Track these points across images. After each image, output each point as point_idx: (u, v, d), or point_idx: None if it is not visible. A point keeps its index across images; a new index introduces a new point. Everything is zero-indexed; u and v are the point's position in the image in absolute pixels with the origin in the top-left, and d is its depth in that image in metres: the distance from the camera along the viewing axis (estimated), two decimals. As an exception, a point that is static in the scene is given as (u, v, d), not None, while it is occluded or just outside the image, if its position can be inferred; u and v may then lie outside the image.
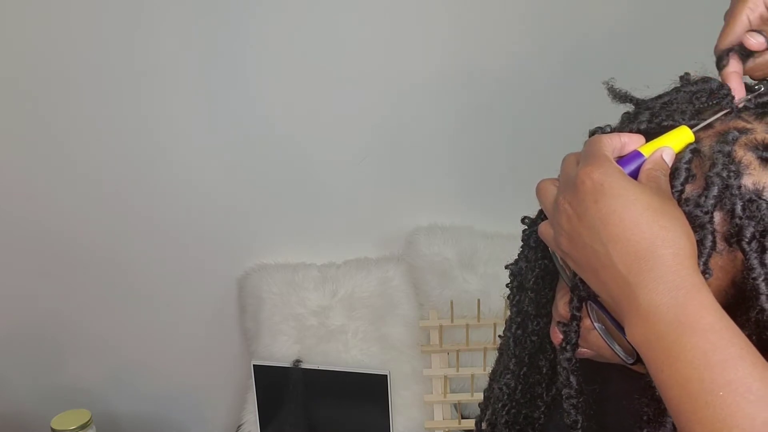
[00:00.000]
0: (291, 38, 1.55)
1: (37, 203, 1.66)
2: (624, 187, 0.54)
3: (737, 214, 0.55)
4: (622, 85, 0.69)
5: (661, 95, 0.65)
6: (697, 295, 0.50)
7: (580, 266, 0.56)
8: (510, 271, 0.73)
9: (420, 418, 1.62)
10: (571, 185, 0.56)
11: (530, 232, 0.70)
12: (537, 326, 0.72)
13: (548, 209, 0.60)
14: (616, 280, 0.52)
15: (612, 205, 0.53)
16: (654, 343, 0.50)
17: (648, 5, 1.52)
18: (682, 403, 0.48)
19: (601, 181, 0.54)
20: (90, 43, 1.54)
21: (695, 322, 0.49)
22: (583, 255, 0.55)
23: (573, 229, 0.55)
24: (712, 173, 0.56)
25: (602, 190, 0.54)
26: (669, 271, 0.50)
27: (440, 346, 1.60)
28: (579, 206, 0.55)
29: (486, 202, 1.69)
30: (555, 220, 0.57)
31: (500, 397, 0.75)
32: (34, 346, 1.78)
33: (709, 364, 0.47)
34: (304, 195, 1.68)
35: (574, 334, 0.61)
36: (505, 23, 1.54)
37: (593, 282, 0.55)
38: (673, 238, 0.51)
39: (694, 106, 0.61)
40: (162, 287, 1.74)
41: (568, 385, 0.62)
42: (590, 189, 0.54)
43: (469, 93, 1.59)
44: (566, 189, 0.57)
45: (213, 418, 1.90)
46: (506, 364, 0.74)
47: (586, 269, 0.55)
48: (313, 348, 1.63)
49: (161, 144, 1.63)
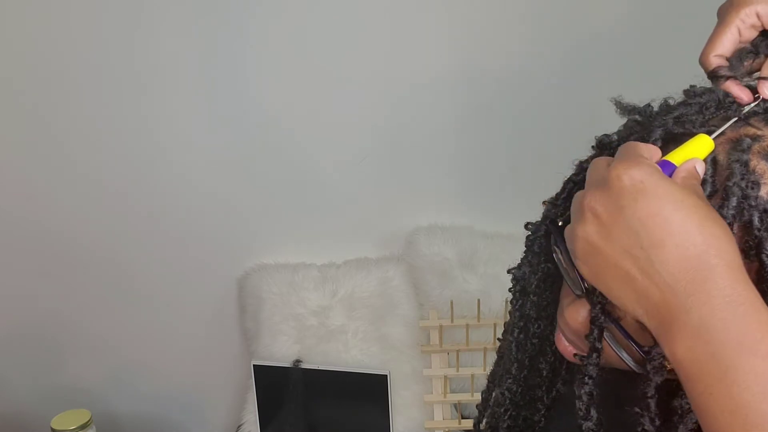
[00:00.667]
0: (291, 38, 1.55)
1: (37, 203, 1.66)
2: (668, 187, 0.49)
3: (755, 226, 0.53)
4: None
5: (671, 109, 0.62)
6: (756, 313, 0.46)
7: (603, 274, 0.51)
8: (512, 276, 0.72)
9: (420, 418, 1.62)
10: (601, 184, 0.51)
11: (534, 238, 0.69)
12: (538, 329, 0.72)
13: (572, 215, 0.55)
14: (659, 290, 0.48)
15: (655, 206, 0.49)
16: (705, 363, 0.46)
17: (648, 6, 1.52)
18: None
19: (641, 178, 0.49)
20: (90, 43, 1.54)
21: (757, 344, 0.45)
22: (611, 261, 0.50)
23: (602, 232, 0.50)
24: (731, 183, 0.53)
25: (643, 188, 0.49)
26: (726, 285, 0.46)
27: (440, 346, 1.60)
28: (613, 206, 0.50)
29: (486, 202, 1.69)
30: (576, 224, 0.53)
31: (502, 402, 0.74)
32: (34, 346, 1.78)
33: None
34: (304, 195, 1.68)
35: (593, 367, 0.57)
36: (505, 23, 1.54)
37: (621, 290, 0.51)
38: (725, 247, 0.48)
39: (704, 117, 0.59)
40: (162, 287, 1.74)
41: (588, 418, 0.58)
42: (628, 187, 0.49)
43: (469, 93, 1.59)
44: (595, 188, 0.52)
45: (213, 418, 1.90)
46: (508, 369, 0.74)
47: (613, 277, 0.51)
48: (313, 348, 1.63)
49: (161, 144, 1.63)
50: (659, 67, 1.51)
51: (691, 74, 0.68)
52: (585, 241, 0.52)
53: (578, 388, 0.58)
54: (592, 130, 0.70)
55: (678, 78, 0.65)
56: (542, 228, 0.68)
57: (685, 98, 0.62)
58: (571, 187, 0.65)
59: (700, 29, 0.69)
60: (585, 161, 0.64)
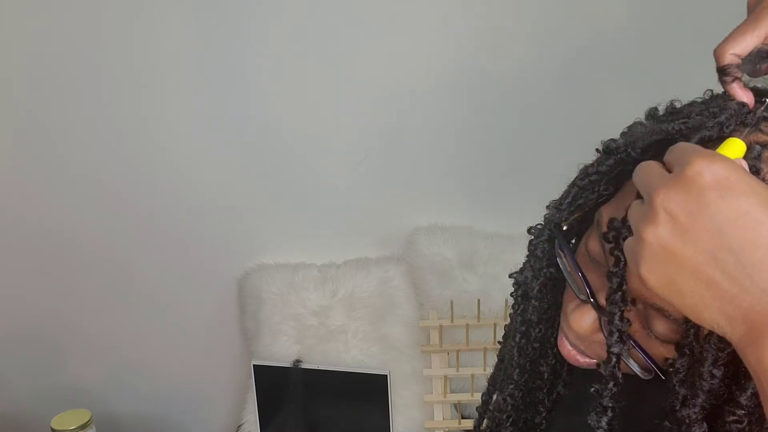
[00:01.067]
0: (291, 38, 1.54)
1: (37, 203, 1.66)
2: (755, 185, 0.46)
3: None
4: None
5: (697, 129, 0.57)
6: None
7: (677, 281, 0.47)
8: (514, 280, 0.71)
9: (420, 418, 1.62)
10: (676, 180, 0.47)
11: (537, 242, 0.68)
12: (539, 333, 0.71)
13: (632, 220, 0.51)
14: (750, 295, 0.45)
15: (744, 205, 0.45)
16: None
17: (650, 8, 1.52)
18: None
19: (726, 174, 0.45)
20: (89, 43, 1.54)
21: None
22: (690, 266, 0.46)
23: (680, 234, 0.46)
24: None
25: (729, 185, 0.45)
26: None
27: (440, 346, 1.60)
28: (694, 204, 0.46)
29: (486, 202, 1.69)
30: (645, 227, 0.48)
31: (504, 408, 0.74)
32: (34, 346, 1.78)
33: None
34: (304, 195, 1.68)
35: (610, 391, 0.56)
36: (506, 24, 1.54)
37: (699, 297, 0.47)
38: None
39: (724, 133, 0.57)
40: (162, 287, 1.74)
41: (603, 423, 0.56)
42: (711, 183, 0.45)
43: (470, 93, 1.59)
44: (668, 187, 0.47)
45: (213, 418, 1.90)
46: (509, 374, 0.73)
47: (690, 283, 0.47)
48: (313, 348, 1.63)
49: (161, 144, 1.62)
50: (661, 69, 1.51)
51: (692, 76, 0.67)
52: (657, 246, 0.47)
53: (596, 416, 0.57)
54: (592, 131, 0.70)
55: (678, 79, 0.65)
56: (545, 232, 0.68)
57: (702, 115, 0.59)
58: (576, 191, 0.64)
59: (701, 32, 0.69)
60: (590, 166, 0.63)
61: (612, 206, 0.60)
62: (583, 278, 0.60)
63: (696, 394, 0.53)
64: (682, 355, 0.53)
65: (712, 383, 0.52)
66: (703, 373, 0.52)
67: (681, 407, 0.54)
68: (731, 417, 0.53)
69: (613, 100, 1.53)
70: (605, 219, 0.60)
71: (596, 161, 0.63)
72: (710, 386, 0.52)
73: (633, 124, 0.63)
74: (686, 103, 0.62)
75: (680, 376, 0.53)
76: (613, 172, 0.62)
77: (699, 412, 0.53)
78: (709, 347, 0.52)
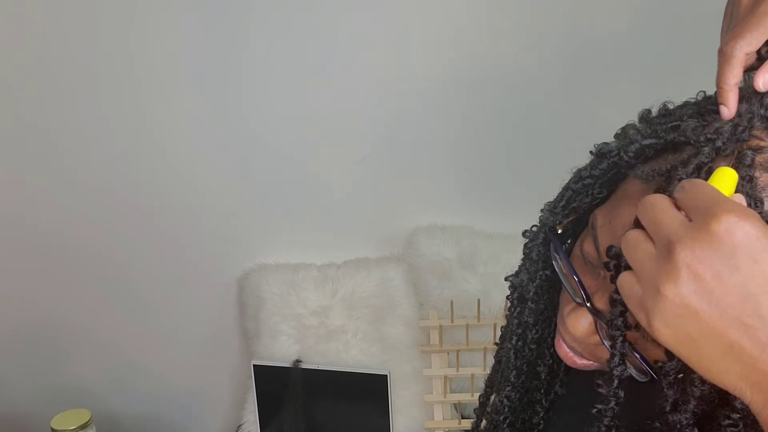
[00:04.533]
0: (291, 38, 1.54)
1: (37, 204, 1.66)
2: None
3: None
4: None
5: (694, 155, 0.54)
6: None
7: (697, 341, 0.45)
8: (510, 283, 0.71)
9: (420, 418, 1.62)
10: (701, 234, 0.44)
11: (532, 246, 0.68)
12: (536, 335, 0.71)
13: (641, 264, 0.47)
14: None
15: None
16: None
17: (649, 9, 1.52)
18: None
19: (758, 234, 0.43)
20: (88, 43, 1.54)
21: None
22: (713, 328, 0.44)
23: (705, 295, 0.44)
24: None
25: (761, 247, 0.43)
26: None
27: (440, 346, 1.60)
28: (722, 265, 0.43)
29: (486, 202, 1.68)
30: (665, 283, 0.45)
31: (501, 410, 0.74)
32: (34, 346, 1.78)
33: None
34: (304, 195, 1.68)
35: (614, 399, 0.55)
36: (507, 24, 1.54)
37: (720, 361, 0.45)
38: None
39: (725, 155, 0.55)
40: (162, 287, 1.74)
41: None
42: (744, 243, 0.43)
43: (470, 93, 1.58)
44: (692, 239, 0.44)
45: (213, 418, 1.90)
46: (506, 376, 0.73)
47: (712, 346, 0.45)
48: (313, 348, 1.63)
49: (161, 144, 1.62)
50: (660, 70, 1.51)
51: (691, 78, 0.67)
52: (679, 304, 0.44)
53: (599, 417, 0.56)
54: (592, 131, 0.70)
55: (678, 80, 0.65)
56: (540, 236, 0.67)
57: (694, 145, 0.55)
58: (570, 195, 0.64)
59: (699, 33, 0.69)
60: (584, 169, 0.63)
61: (606, 209, 0.60)
62: (578, 281, 0.60)
63: (687, 399, 0.53)
64: (671, 358, 0.53)
65: (702, 389, 0.52)
66: (695, 379, 0.52)
67: (673, 412, 0.53)
68: (727, 421, 0.52)
69: (614, 100, 1.53)
70: (599, 223, 0.60)
71: (590, 164, 0.63)
72: (701, 392, 0.52)
73: (626, 126, 0.62)
74: (679, 105, 0.62)
75: (669, 378, 0.53)
76: (606, 175, 0.62)
77: (690, 417, 0.53)
78: None
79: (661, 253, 0.45)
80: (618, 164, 0.60)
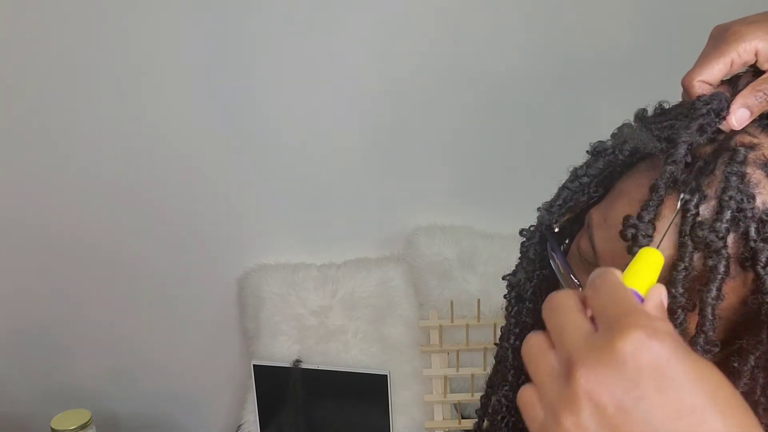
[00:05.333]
0: (291, 37, 1.54)
1: (37, 204, 1.66)
2: (699, 369, 0.38)
3: (752, 237, 0.52)
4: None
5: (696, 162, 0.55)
6: None
7: None
8: (507, 282, 0.71)
9: (420, 418, 1.62)
10: (603, 356, 0.39)
11: (529, 245, 0.68)
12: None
13: (542, 381, 0.42)
14: None
15: (689, 400, 0.37)
16: None
17: (647, 11, 1.52)
18: None
19: (668, 356, 0.38)
20: (89, 43, 1.54)
21: None
22: None
23: (604, 425, 0.38)
24: (727, 197, 0.52)
25: (669, 373, 0.38)
26: None
27: (440, 346, 1.60)
28: (625, 395, 0.38)
29: (486, 202, 1.68)
30: (560, 413, 0.40)
31: (499, 410, 0.74)
32: (34, 346, 1.78)
33: None
34: (304, 195, 1.68)
35: None
36: (506, 23, 1.54)
37: None
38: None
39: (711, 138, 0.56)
40: (162, 287, 1.74)
41: None
42: (650, 368, 0.38)
43: (469, 93, 1.58)
44: (592, 361, 0.39)
45: (213, 418, 1.90)
46: (504, 376, 0.73)
47: None
48: (313, 348, 1.63)
49: (161, 145, 1.62)
50: (658, 70, 1.51)
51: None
52: None
53: None
54: (591, 130, 0.70)
55: (675, 82, 0.65)
56: (537, 235, 0.67)
57: None
58: (566, 194, 0.64)
59: (696, 35, 0.69)
60: (580, 168, 0.63)
61: (602, 207, 0.61)
62: (575, 280, 0.60)
63: None
64: None
65: None
66: None
67: None
68: None
69: (613, 100, 1.53)
70: (595, 221, 0.60)
71: (586, 163, 0.63)
72: None
73: (622, 125, 0.63)
74: (674, 105, 0.63)
75: None
76: (602, 174, 0.62)
77: None
78: (695, 350, 0.52)
79: (562, 372, 0.41)
80: (613, 162, 0.60)
